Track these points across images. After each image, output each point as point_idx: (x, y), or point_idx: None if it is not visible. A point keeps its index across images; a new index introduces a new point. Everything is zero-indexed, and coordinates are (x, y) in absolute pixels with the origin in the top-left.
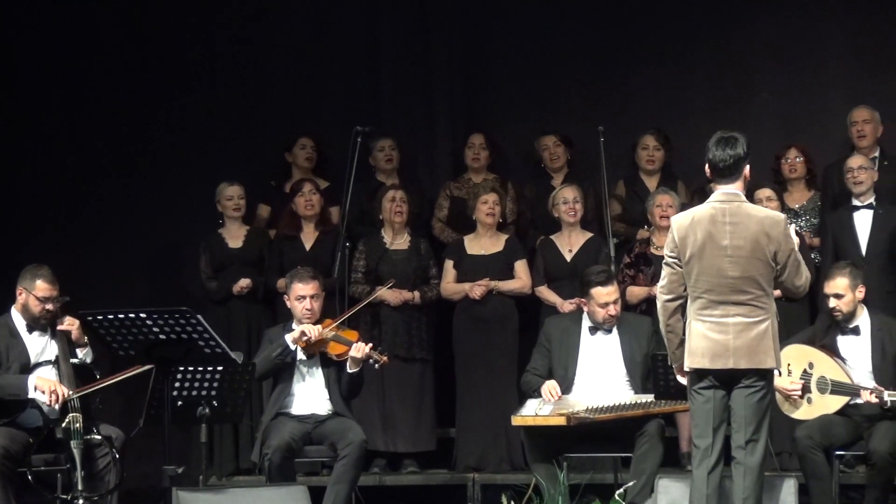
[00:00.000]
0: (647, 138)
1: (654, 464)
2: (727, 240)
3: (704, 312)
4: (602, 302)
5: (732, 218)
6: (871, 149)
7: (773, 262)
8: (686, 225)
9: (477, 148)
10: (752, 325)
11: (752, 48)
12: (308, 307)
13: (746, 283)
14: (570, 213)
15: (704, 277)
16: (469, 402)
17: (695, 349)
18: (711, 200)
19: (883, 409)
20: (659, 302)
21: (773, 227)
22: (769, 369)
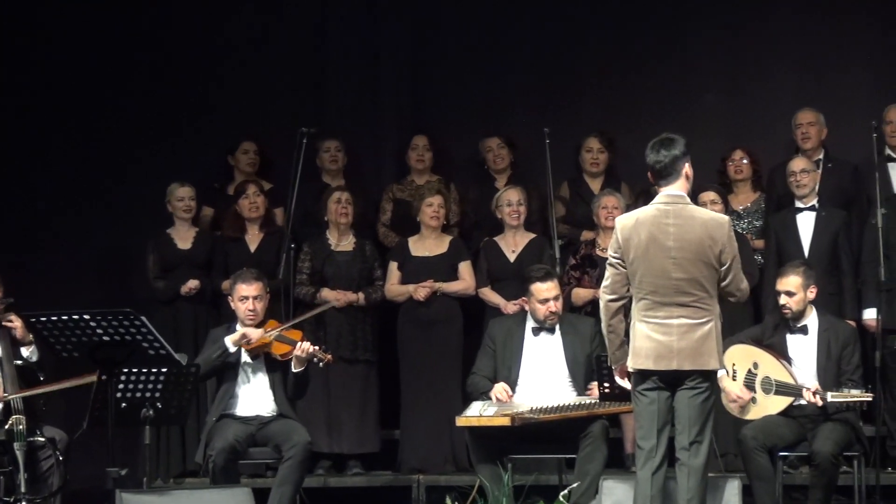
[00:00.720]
0: (592, 141)
1: (599, 465)
2: (671, 241)
3: (648, 314)
4: (542, 298)
5: (676, 220)
6: (816, 151)
7: (717, 265)
8: (630, 226)
9: (421, 149)
10: (696, 326)
11: (697, 50)
12: (251, 308)
13: (690, 285)
14: (514, 216)
15: (648, 279)
16: (413, 403)
17: (639, 350)
18: (656, 202)
19: (824, 410)
20: (602, 302)
21: (718, 229)
22: (713, 370)
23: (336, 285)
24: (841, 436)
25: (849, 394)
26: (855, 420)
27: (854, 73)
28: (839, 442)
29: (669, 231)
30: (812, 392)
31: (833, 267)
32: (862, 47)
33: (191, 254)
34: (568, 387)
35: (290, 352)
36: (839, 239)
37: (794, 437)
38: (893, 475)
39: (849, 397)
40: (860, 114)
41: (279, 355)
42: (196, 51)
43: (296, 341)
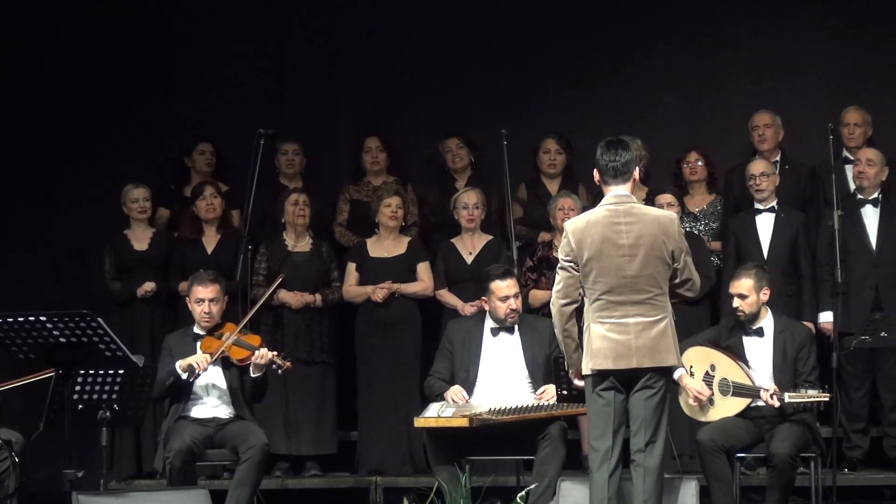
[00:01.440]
0: (549, 142)
1: (557, 466)
2: (624, 239)
3: (604, 314)
4: (502, 296)
5: (628, 218)
6: (773, 153)
7: (671, 260)
8: (582, 228)
9: (374, 151)
10: (652, 323)
11: (654, 52)
12: (206, 310)
13: (645, 282)
14: (470, 219)
15: (603, 278)
16: (371, 404)
17: (597, 351)
18: (604, 204)
19: (781, 410)
20: (554, 308)
21: (669, 224)
22: (670, 368)
23: (293, 286)
24: (798, 437)
25: (806, 394)
26: (812, 421)
27: (810, 75)
28: (796, 443)
29: (622, 229)
30: (769, 393)
31: (792, 268)
32: (818, 49)
33: (147, 255)
34: (527, 387)
35: (249, 357)
36: (798, 241)
37: (751, 438)
38: (850, 476)
39: (806, 398)
40: (817, 116)
41: (237, 360)
42: (153, 51)
43: (255, 347)
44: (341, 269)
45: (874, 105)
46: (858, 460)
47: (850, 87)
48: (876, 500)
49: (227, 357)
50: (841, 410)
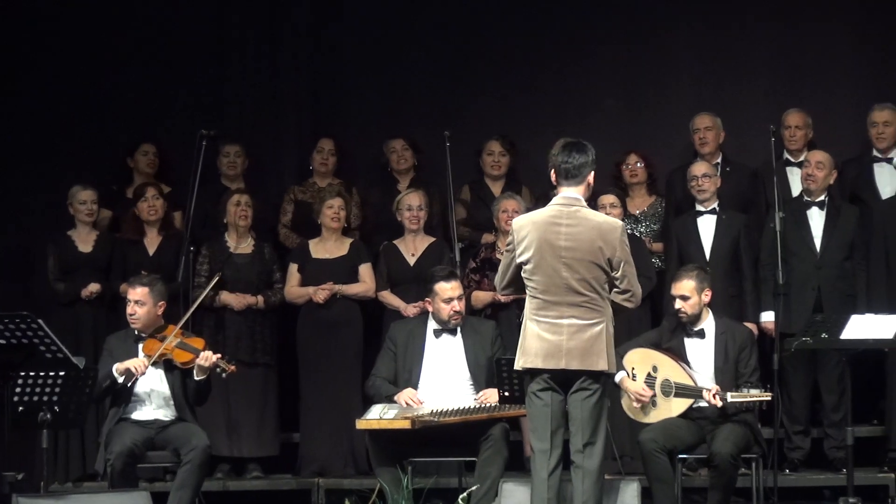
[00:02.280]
0: (493, 144)
1: (499, 468)
2: (562, 241)
3: (540, 313)
4: (446, 297)
5: (570, 221)
6: (714, 155)
7: (609, 268)
8: (524, 225)
9: (326, 153)
10: (586, 326)
11: (597, 55)
12: (131, 311)
13: (581, 285)
14: (413, 221)
15: (540, 278)
16: (313, 406)
17: (528, 349)
18: (553, 203)
19: (723, 411)
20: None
21: (610, 232)
22: (601, 371)
23: (235, 288)
24: (739, 437)
25: (748, 394)
26: (753, 422)
27: (752, 77)
28: (738, 443)
29: (561, 232)
30: (712, 393)
31: (734, 270)
32: (759, 52)
33: (91, 257)
34: (469, 389)
35: (193, 360)
36: (740, 242)
37: (693, 439)
38: (791, 477)
39: (748, 397)
40: (758, 118)
41: (181, 363)
42: (97, 50)
43: (198, 350)
44: (284, 271)
45: (815, 107)
46: (799, 461)
47: (792, 90)
48: (816, 500)
49: (171, 360)
50: (782, 411)
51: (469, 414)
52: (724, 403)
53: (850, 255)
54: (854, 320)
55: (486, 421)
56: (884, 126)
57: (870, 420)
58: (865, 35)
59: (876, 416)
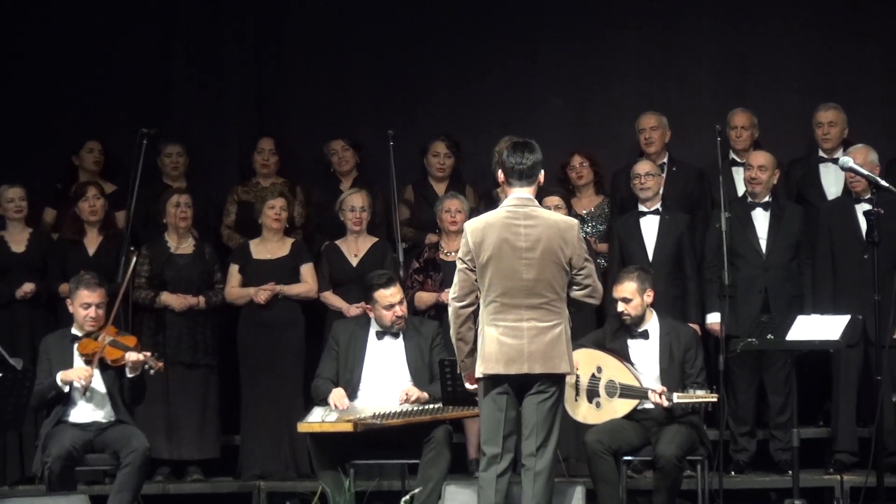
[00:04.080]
0: (438, 145)
1: (442, 470)
2: (522, 242)
3: (498, 317)
4: (386, 304)
5: (527, 221)
6: (660, 155)
7: (568, 267)
8: (480, 229)
9: (266, 153)
10: (547, 329)
11: (542, 53)
12: (93, 315)
13: (541, 287)
14: (356, 222)
15: (499, 280)
16: (254, 408)
17: (489, 355)
18: (505, 205)
19: (669, 412)
20: (451, 309)
21: (568, 231)
22: (563, 374)
23: (176, 289)
24: (684, 439)
25: (694, 395)
26: (699, 423)
27: (698, 76)
28: (683, 445)
29: (521, 232)
30: (657, 394)
31: (677, 271)
32: (705, 51)
33: (25, 257)
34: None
35: (122, 357)
36: (683, 242)
37: (638, 440)
38: (736, 479)
39: (694, 398)
40: (704, 118)
41: (111, 361)
42: (41, 47)
43: (129, 347)
44: (225, 271)
45: (761, 107)
46: (745, 463)
47: (738, 90)
48: (762, 503)
49: (103, 358)
50: (728, 413)
51: (412, 416)
52: (671, 405)
53: (796, 255)
54: (800, 321)
55: (428, 423)
56: (829, 126)
57: (815, 422)
58: (811, 35)
59: (821, 417)
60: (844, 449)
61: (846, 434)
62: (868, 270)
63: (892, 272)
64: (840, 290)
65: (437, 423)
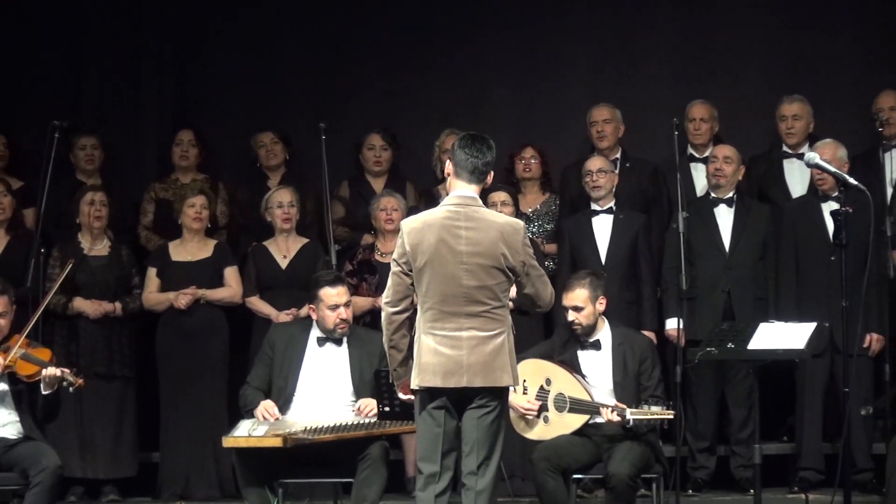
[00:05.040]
0: (374, 138)
1: (378, 489)
2: (463, 246)
3: (436, 325)
4: (332, 304)
5: (469, 223)
6: (613, 150)
7: (511, 273)
8: (418, 229)
9: (185, 145)
10: (488, 339)
11: (487, 42)
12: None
13: (482, 293)
14: (285, 219)
15: (437, 286)
16: (175, 422)
17: (425, 366)
18: (446, 204)
19: (625, 429)
20: (384, 314)
21: (513, 234)
22: (505, 387)
23: (90, 294)
24: (638, 456)
25: (650, 411)
26: (654, 439)
27: (654, 67)
28: (636, 463)
29: (461, 235)
30: (611, 410)
31: (632, 274)
32: (661, 40)
33: None
34: (350, 404)
35: (38, 373)
36: (638, 244)
37: (589, 457)
38: (694, 498)
39: (650, 415)
40: (660, 111)
41: (25, 377)
42: None
43: (45, 362)
44: (143, 275)
45: (721, 99)
46: (704, 481)
47: (696, 80)
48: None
49: (14, 372)
50: (686, 427)
51: (346, 431)
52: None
53: (763, 256)
54: (763, 329)
55: (364, 439)
56: (793, 120)
57: (779, 437)
58: (775, 22)
59: (785, 432)
60: (810, 466)
61: (811, 450)
62: (835, 274)
63: (861, 276)
64: (805, 295)
65: (373, 438)
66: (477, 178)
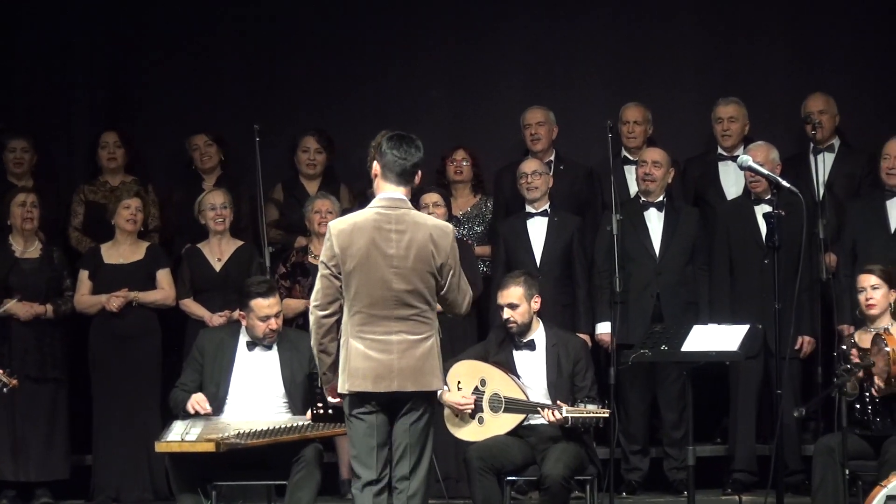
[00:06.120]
0: (308, 140)
1: (311, 492)
2: (393, 249)
3: (365, 329)
4: (263, 315)
5: (399, 225)
6: (546, 152)
7: (439, 276)
8: (348, 232)
9: (111, 147)
10: (417, 343)
11: (420, 43)
12: None
13: (412, 297)
14: (218, 221)
15: (366, 290)
16: (107, 425)
17: (355, 370)
18: (374, 206)
19: (562, 428)
20: (312, 318)
21: (442, 237)
22: (434, 392)
23: (22, 296)
24: (572, 458)
25: (585, 409)
26: (588, 441)
27: (587, 70)
28: (570, 464)
29: (392, 237)
30: (548, 409)
31: (566, 276)
32: (595, 43)
33: None
34: (282, 407)
35: None
36: (573, 246)
37: (523, 458)
38: (628, 500)
39: (585, 413)
40: (594, 113)
41: None
42: None
43: None
44: (74, 277)
45: (655, 102)
46: (637, 483)
47: (630, 83)
48: None
49: None
50: (619, 430)
51: (279, 435)
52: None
53: (691, 259)
54: (696, 331)
55: (297, 441)
56: (729, 122)
57: (712, 439)
58: (710, 25)
59: (719, 434)
60: (743, 468)
61: (745, 452)
62: (768, 277)
63: (794, 279)
64: (739, 297)
65: (307, 441)
66: (405, 179)
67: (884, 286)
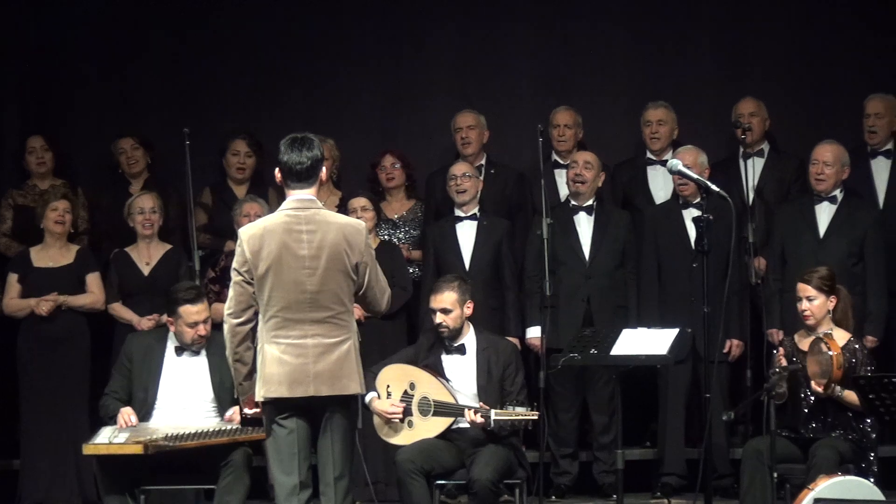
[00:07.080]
0: (238, 144)
1: (241, 496)
2: (305, 249)
3: (280, 333)
4: (191, 321)
5: (309, 226)
6: (477, 156)
7: (354, 275)
8: (258, 236)
9: (39, 151)
10: (334, 346)
11: (353, 48)
12: None
13: (327, 298)
14: (146, 225)
15: (280, 293)
16: (35, 429)
17: (270, 376)
18: (284, 208)
19: (486, 431)
20: (226, 326)
21: (355, 235)
22: (353, 395)
23: None
24: (501, 461)
25: (514, 412)
26: (517, 444)
27: (518, 74)
28: (499, 468)
29: (303, 238)
30: (475, 412)
31: (496, 280)
32: (525, 45)
33: None
34: (212, 411)
35: None
36: (502, 250)
37: (452, 461)
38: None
39: (513, 415)
40: (525, 117)
41: None
42: None
43: None
44: (2, 281)
45: (585, 106)
46: (567, 487)
47: (561, 87)
48: None
49: None
50: (548, 433)
51: (208, 438)
52: (488, 423)
53: (622, 263)
54: (626, 335)
55: (226, 445)
56: (658, 125)
57: (641, 442)
58: (639, 29)
59: (648, 438)
60: (672, 471)
61: (674, 455)
62: (697, 280)
63: (723, 282)
64: (668, 301)
65: (236, 444)
66: (307, 179)
67: (821, 296)
